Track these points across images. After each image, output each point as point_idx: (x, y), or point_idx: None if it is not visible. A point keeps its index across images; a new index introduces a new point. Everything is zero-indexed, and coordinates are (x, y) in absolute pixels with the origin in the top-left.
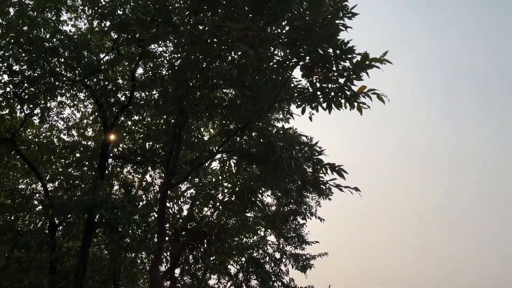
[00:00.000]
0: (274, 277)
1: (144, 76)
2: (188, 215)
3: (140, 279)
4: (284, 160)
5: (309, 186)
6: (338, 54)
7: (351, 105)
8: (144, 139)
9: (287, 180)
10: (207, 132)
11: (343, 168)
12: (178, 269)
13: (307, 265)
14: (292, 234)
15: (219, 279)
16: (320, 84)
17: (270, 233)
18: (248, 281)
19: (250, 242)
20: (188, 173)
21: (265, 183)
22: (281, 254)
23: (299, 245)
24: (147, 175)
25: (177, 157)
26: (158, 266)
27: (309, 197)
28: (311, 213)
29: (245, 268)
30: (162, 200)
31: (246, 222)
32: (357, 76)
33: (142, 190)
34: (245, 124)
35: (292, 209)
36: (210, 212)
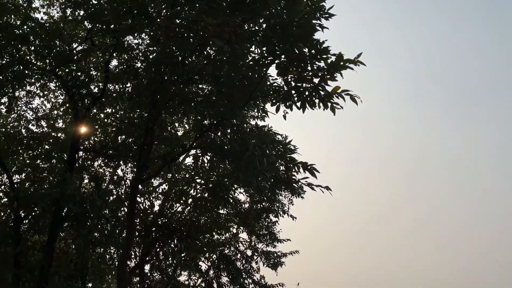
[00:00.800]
0: (245, 274)
1: (118, 68)
2: (159, 211)
3: (108, 275)
4: (256, 157)
5: (281, 184)
6: (313, 54)
7: (324, 105)
8: (116, 132)
9: (260, 178)
10: (181, 127)
11: (315, 167)
12: (147, 265)
13: (278, 262)
14: (264, 231)
15: (189, 276)
16: (295, 83)
17: (243, 230)
18: (219, 278)
19: (222, 239)
20: (160, 168)
21: (237, 180)
22: (252, 252)
23: (271, 243)
24: (118, 169)
25: (149, 151)
26: (126, 261)
27: (282, 195)
28: (284, 211)
29: (216, 265)
30: (132, 195)
31: (218, 219)
32: (331, 76)
33: (113, 184)
34: (219, 120)
35: (265, 206)
36: (181, 208)
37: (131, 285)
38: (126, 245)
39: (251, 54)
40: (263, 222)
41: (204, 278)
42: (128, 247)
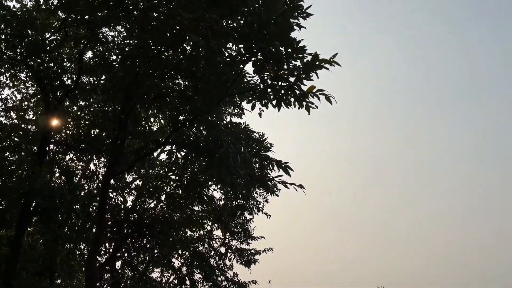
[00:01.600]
0: (218, 271)
1: (93, 61)
2: (132, 207)
3: (78, 271)
4: (230, 154)
5: (255, 181)
6: (289, 52)
7: (299, 104)
8: (89, 126)
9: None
10: (157, 122)
11: (289, 166)
12: (119, 262)
13: (252, 260)
14: (239, 229)
15: (162, 273)
16: (271, 81)
17: (217, 227)
18: (192, 275)
19: (195, 236)
20: (133, 162)
21: (211, 176)
22: (226, 249)
23: (245, 240)
24: (91, 164)
25: (122, 146)
26: (95, 258)
27: (257, 192)
28: (258, 209)
29: (189, 261)
30: (103, 189)
31: (192, 216)
32: (307, 76)
33: (85, 179)
34: (195, 116)
35: (239, 204)
36: (154, 204)
37: (101, 282)
38: (95, 241)
39: (228, 51)
40: (238, 219)
41: (176, 275)
42: (98, 243)
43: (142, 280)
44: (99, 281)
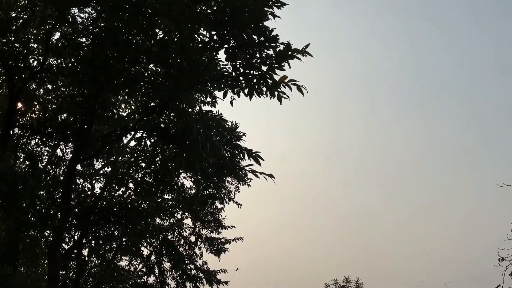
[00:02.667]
0: (188, 260)
1: (60, 42)
2: (100, 194)
3: (42, 259)
4: (200, 142)
5: (226, 170)
6: (262, 41)
7: (271, 94)
8: (56, 110)
9: (205, 164)
10: (128, 108)
11: (259, 155)
12: (86, 250)
13: (222, 249)
14: (209, 218)
15: (130, 261)
16: (243, 69)
17: (187, 216)
18: (161, 263)
19: (165, 225)
20: (100, 148)
21: (180, 164)
22: (196, 238)
23: (215, 229)
24: (57, 149)
25: (89, 131)
26: (58, 244)
27: (228, 182)
28: (230, 198)
29: (158, 250)
30: (68, 175)
31: (162, 204)
32: (279, 65)
33: (51, 164)
34: (165, 102)
35: (210, 193)
36: (122, 191)
37: (66, 270)
38: (59, 228)
39: (200, 37)
40: (209, 208)
41: (145, 263)
42: (62, 229)
43: (109, 268)
44: (64, 269)
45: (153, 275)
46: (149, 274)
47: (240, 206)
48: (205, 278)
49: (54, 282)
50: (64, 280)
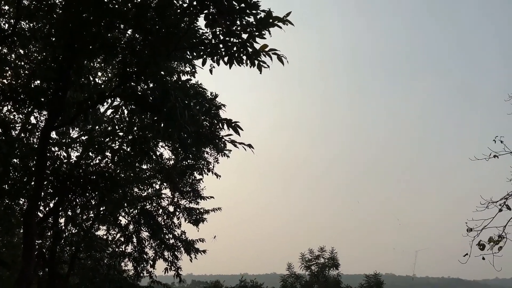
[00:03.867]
0: (166, 229)
1: (33, 4)
2: (76, 162)
3: (18, 228)
4: (178, 109)
5: (204, 140)
6: (242, 7)
7: (251, 63)
8: (29, 75)
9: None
10: (104, 76)
11: (239, 125)
12: (63, 219)
13: (200, 219)
14: (188, 188)
15: (108, 230)
16: (223, 37)
17: (166, 186)
18: (139, 233)
19: (143, 194)
20: (75, 115)
21: (158, 132)
22: (175, 208)
23: (194, 200)
24: (31, 117)
25: (64, 97)
26: (33, 212)
27: (207, 153)
28: (209, 169)
29: (136, 219)
30: (42, 142)
31: (140, 174)
32: (260, 33)
33: (25, 132)
34: (141, 69)
35: (189, 164)
36: (99, 160)
37: (42, 239)
38: (34, 195)
39: (179, 2)
40: (187, 179)
41: (123, 233)
42: (37, 197)
43: (87, 237)
44: (40, 238)
45: (131, 244)
46: (127, 243)
47: (219, 177)
48: (184, 247)
49: (29, 250)
50: (40, 249)
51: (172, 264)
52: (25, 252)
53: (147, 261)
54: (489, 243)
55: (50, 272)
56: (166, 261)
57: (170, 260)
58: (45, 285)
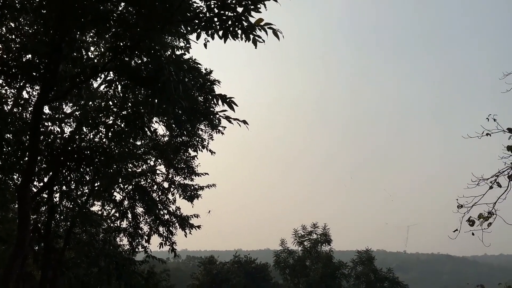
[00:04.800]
0: (161, 205)
1: None
2: (69, 137)
3: (12, 203)
4: (172, 83)
5: (199, 115)
6: None
7: (246, 37)
8: (20, 49)
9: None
10: (97, 51)
11: (233, 101)
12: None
13: (195, 195)
14: (183, 165)
15: (103, 206)
16: (218, 10)
17: (160, 163)
18: (134, 208)
19: (138, 171)
20: (68, 89)
21: (152, 107)
22: (169, 184)
23: (189, 176)
24: (23, 91)
25: (56, 71)
26: (27, 186)
27: (202, 130)
28: (203, 146)
29: (131, 195)
30: (35, 116)
31: (134, 150)
32: (255, 7)
33: (18, 106)
34: (135, 43)
35: (184, 140)
36: (92, 135)
37: (37, 214)
38: (27, 169)
39: None
40: (182, 156)
41: (118, 208)
42: (30, 171)
43: (82, 213)
44: (35, 213)
45: (126, 220)
46: (122, 219)
47: (213, 154)
48: (178, 222)
49: (24, 223)
50: (35, 223)
51: (167, 239)
52: (20, 225)
53: (142, 236)
54: (479, 219)
55: (45, 247)
56: (161, 236)
57: (165, 235)
58: (41, 259)
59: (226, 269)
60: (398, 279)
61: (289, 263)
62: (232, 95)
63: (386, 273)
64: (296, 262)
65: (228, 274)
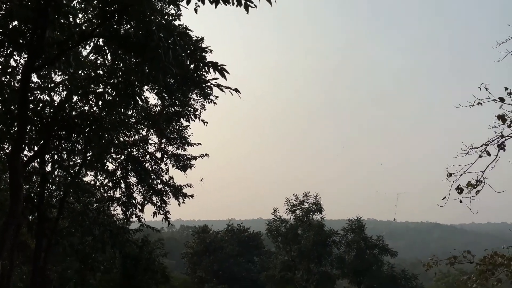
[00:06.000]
0: (154, 175)
1: None
2: (59, 105)
3: (3, 174)
4: (162, 49)
5: (190, 83)
6: None
7: (238, 1)
8: (6, 16)
9: (169, 79)
10: (85, 17)
11: (225, 68)
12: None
13: (188, 165)
14: (175, 135)
15: (96, 176)
16: None
17: (152, 133)
18: (127, 178)
19: (130, 141)
20: (56, 56)
21: (142, 74)
22: (162, 154)
23: (181, 146)
24: (11, 59)
25: (43, 36)
26: (18, 155)
27: (194, 99)
28: (195, 116)
29: (124, 165)
30: (23, 83)
31: (125, 119)
32: None
33: (5, 75)
34: (123, 7)
35: (176, 110)
36: (82, 103)
37: (30, 184)
38: (18, 137)
39: None
40: (174, 125)
41: (111, 178)
42: (20, 139)
43: (74, 182)
44: (28, 182)
45: (120, 189)
46: (115, 189)
47: (206, 123)
48: (172, 192)
49: (16, 191)
50: (28, 193)
51: (161, 209)
52: (12, 195)
53: (136, 206)
54: (468, 187)
55: (39, 216)
56: (155, 205)
57: (159, 204)
58: (35, 228)
59: (220, 238)
60: (388, 246)
61: (281, 231)
62: (225, 63)
63: (376, 241)
64: (288, 230)
65: (221, 243)
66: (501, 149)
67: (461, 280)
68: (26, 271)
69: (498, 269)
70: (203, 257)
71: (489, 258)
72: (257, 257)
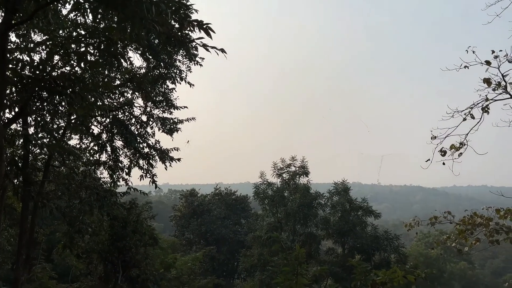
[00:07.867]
0: (140, 138)
1: None
2: (39, 64)
3: None
4: (144, 4)
5: (175, 41)
6: None
7: None
8: None
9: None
10: None
11: (210, 27)
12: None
13: (174, 128)
14: (161, 98)
15: (81, 139)
16: None
17: (138, 96)
18: (112, 141)
19: (114, 104)
20: (33, 12)
21: (124, 31)
22: (148, 117)
23: (167, 109)
24: None
25: None
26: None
27: (180, 61)
28: (181, 78)
29: (109, 129)
30: (0, 41)
31: (109, 81)
32: None
33: None
34: None
35: (162, 73)
36: (63, 63)
37: (14, 148)
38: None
39: None
40: (160, 88)
41: (96, 142)
42: (0, 100)
43: (59, 144)
44: (12, 145)
45: (106, 153)
46: (101, 152)
47: (192, 86)
48: (158, 155)
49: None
50: (12, 157)
51: (148, 172)
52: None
53: (123, 169)
54: (451, 149)
55: (24, 179)
56: (141, 169)
57: (145, 168)
58: (21, 191)
59: (207, 201)
60: (372, 208)
61: (268, 194)
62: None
63: (360, 203)
64: (274, 193)
65: (209, 206)
66: (485, 112)
67: (440, 239)
68: (13, 233)
69: (477, 229)
70: (191, 219)
71: (469, 219)
72: (244, 220)
